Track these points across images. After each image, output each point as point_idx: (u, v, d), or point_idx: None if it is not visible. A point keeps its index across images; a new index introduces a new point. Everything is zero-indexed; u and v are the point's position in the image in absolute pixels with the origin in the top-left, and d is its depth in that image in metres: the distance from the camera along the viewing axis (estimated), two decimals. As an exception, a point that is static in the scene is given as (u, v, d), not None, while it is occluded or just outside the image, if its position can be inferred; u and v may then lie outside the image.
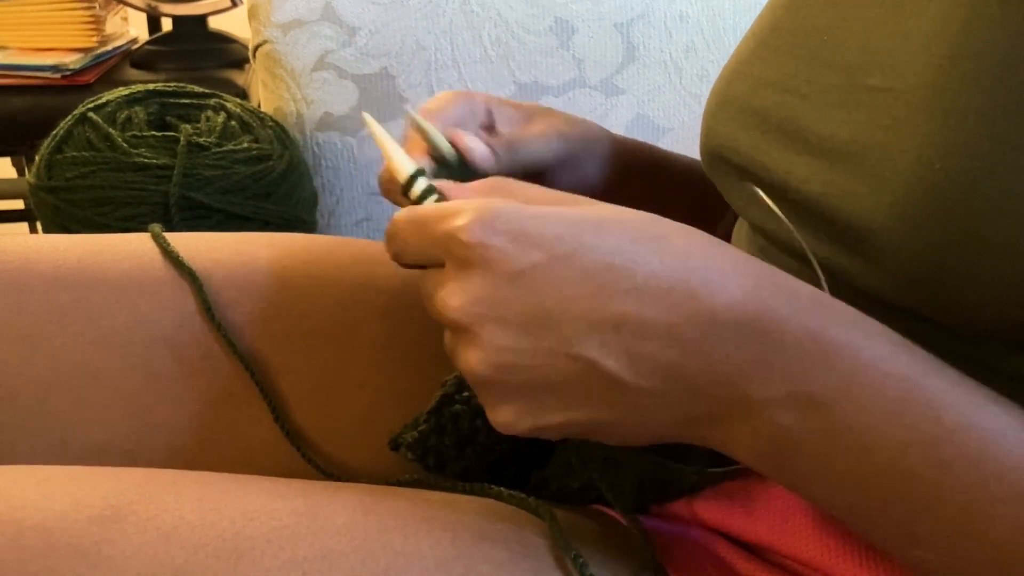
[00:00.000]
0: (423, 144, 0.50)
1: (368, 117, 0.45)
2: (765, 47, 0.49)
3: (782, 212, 0.42)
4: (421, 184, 0.42)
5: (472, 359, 0.36)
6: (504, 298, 0.35)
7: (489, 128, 0.55)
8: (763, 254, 0.48)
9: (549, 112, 0.57)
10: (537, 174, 0.54)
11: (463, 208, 0.36)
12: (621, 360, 0.35)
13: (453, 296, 0.36)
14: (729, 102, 0.50)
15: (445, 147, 0.50)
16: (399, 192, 0.43)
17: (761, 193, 0.42)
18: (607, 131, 0.59)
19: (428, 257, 0.38)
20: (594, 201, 0.39)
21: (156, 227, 0.60)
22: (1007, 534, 0.33)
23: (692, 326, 0.34)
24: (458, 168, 0.50)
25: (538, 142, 0.54)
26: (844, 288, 0.41)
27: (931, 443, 0.34)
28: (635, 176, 0.59)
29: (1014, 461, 0.34)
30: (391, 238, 0.40)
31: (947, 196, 0.36)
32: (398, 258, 0.40)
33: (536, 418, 0.37)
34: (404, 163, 0.43)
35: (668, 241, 0.36)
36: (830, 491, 0.36)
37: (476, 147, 0.50)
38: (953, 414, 0.34)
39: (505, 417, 0.37)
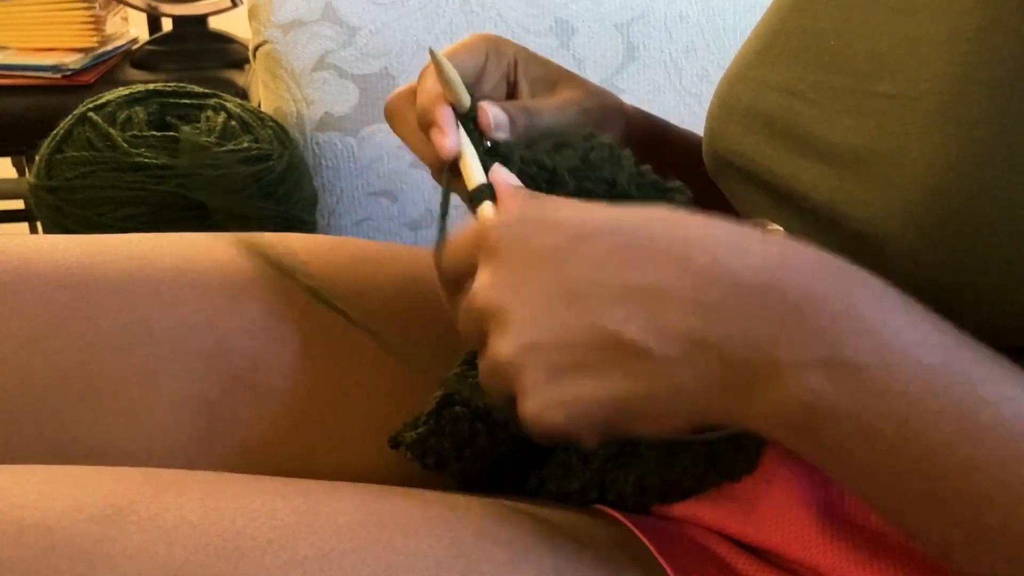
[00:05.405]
0: (440, 90, 0.50)
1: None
2: (770, 50, 0.49)
3: (790, 218, 0.43)
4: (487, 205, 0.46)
5: (501, 344, 0.36)
6: (528, 278, 0.36)
7: (511, 81, 0.55)
8: None
9: (573, 80, 0.57)
10: None
11: (492, 215, 0.40)
12: (644, 329, 0.35)
13: (481, 285, 0.37)
14: (733, 105, 0.50)
15: (465, 99, 0.50)
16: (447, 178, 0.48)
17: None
18: (621, 100, 0.59)
19: (470, 266, 0.40)
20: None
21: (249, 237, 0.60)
22: None
23: (714, 288, 0.34)
24: (473, 125, 0.50)
25: (557, 114, 0.54)
26: None
27: (966, 414, 0.32)
28: (644, 149, 0.58)
29: None
30: (448, 260, 0.42)
31: (958, 205, 0.36)
32: (458, 275, 0.42)
33: (568, 406, 0.36)
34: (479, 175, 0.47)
35: (689, 217, 0.37)
36: (861, 464, 0.34)
37: (496, 115, 0.51)
38: (988, 385, 0.33)
39: (534, 410, 0.36)
